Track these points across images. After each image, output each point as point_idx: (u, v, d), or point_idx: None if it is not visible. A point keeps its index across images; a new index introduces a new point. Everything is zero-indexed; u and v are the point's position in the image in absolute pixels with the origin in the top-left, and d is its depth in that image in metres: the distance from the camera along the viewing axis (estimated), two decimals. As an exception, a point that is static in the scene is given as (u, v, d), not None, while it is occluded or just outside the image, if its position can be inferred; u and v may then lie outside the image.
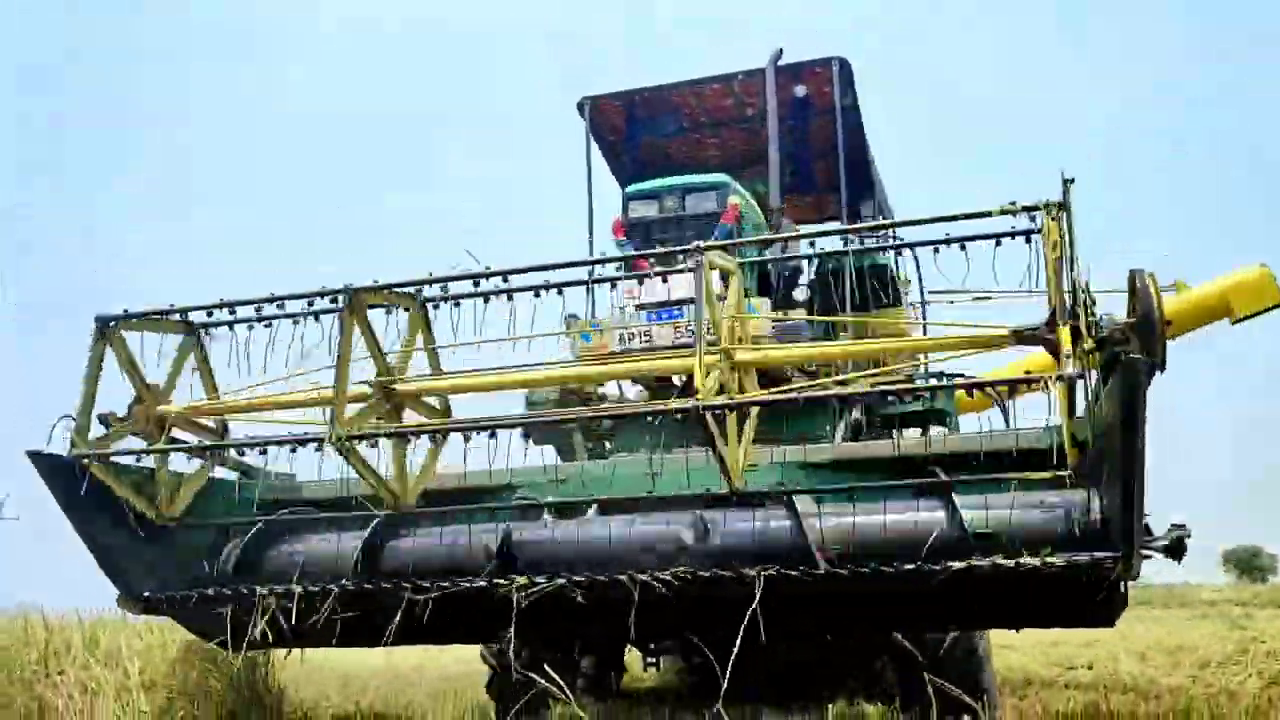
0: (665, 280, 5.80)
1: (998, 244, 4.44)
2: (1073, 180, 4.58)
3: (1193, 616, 17.58)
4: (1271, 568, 50.03)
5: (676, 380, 5.96)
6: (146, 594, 5.07)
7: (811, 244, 6.81)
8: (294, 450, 4.66)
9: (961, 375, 5.71)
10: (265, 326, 4.97)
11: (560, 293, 4.88)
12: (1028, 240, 4.36)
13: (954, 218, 4.58)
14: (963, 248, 4.72)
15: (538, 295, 4.81)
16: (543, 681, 5.21)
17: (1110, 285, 4.52)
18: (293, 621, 4.77)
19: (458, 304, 4.84)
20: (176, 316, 5.06)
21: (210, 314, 5.04)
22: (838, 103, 7.05)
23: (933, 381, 6.28)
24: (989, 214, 4.38)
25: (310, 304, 4.79)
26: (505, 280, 4.75)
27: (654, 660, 8.08)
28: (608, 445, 6.65)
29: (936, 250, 4.93)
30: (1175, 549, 4.37)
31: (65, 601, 6.90)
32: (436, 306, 4.95)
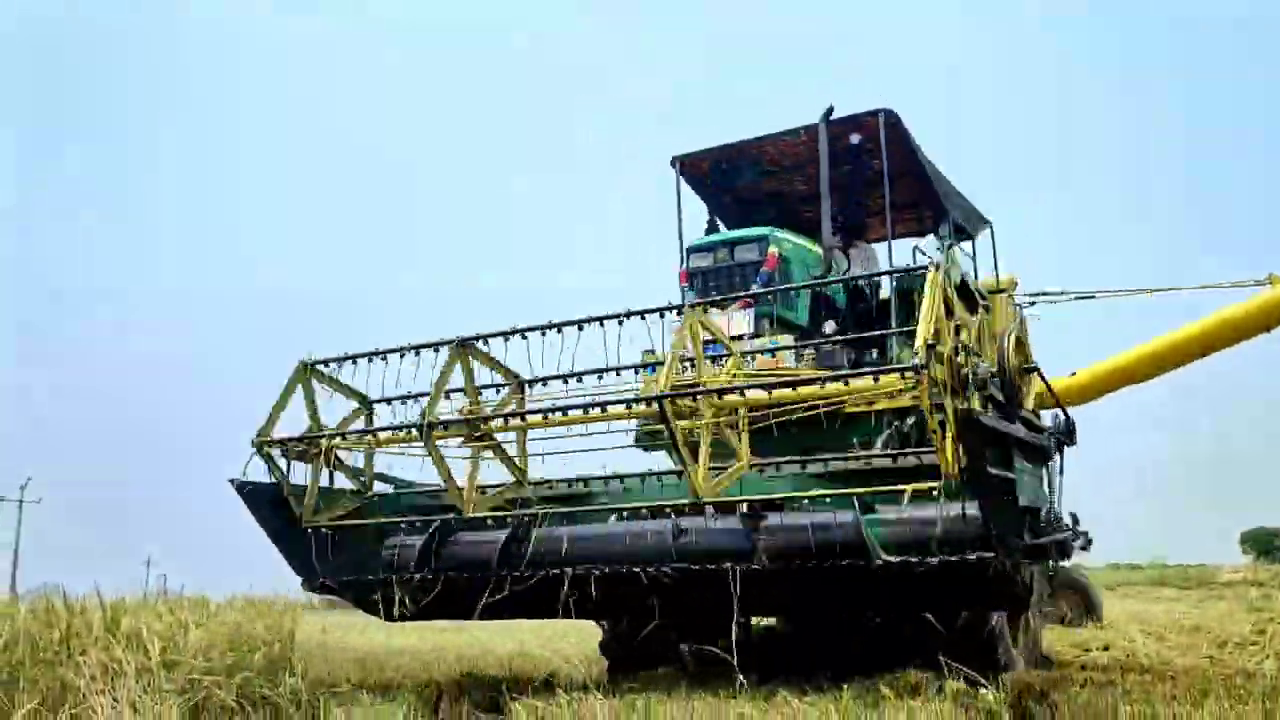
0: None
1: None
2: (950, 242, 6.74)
3: (1210, 597, 17.51)
4: (1293, 550, 49.74)
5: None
6: (321, 579, 6.89)
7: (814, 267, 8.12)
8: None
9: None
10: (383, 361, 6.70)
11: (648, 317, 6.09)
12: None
13: (861, 277, 7.29)
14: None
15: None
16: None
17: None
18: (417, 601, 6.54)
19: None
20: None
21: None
22: (884, 149, 7.92)
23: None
24: (889, 271, 6.27)
25: (418, 352, 6.54)
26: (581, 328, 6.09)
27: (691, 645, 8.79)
28: None
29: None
30: (1062, 549, 5.84)
31: (85, 583, 6.97)
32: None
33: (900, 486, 5.60)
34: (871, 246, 9.24)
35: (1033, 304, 10.81)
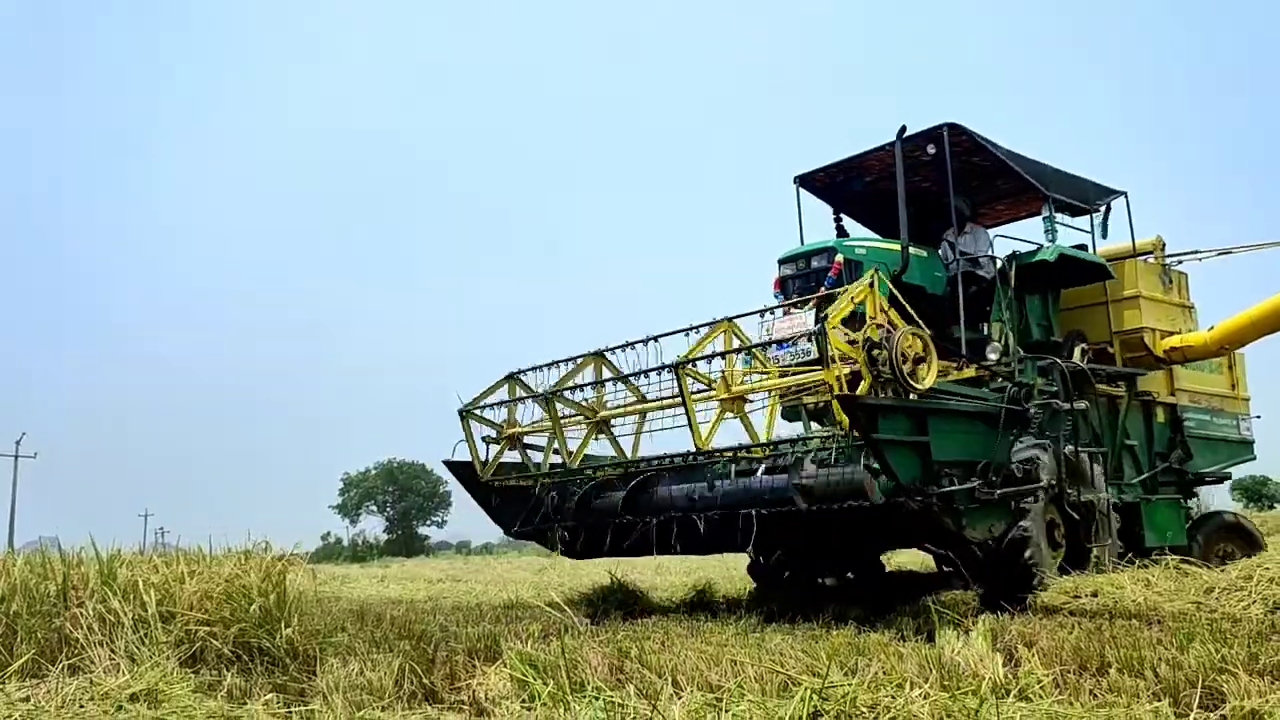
0: (788, 313, 8.87)
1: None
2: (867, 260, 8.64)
3: (1199, 544, 17.63)
4: (1279, 496, 50.21)
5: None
6: (515, 528, 10.12)
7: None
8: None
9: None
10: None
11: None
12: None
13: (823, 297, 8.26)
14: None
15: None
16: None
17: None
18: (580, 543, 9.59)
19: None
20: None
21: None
22: (948, 158, 9.38)
23: None
24: (850, 296, 7.38)
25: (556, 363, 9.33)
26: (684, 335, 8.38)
27: (833, 577, 11.18)
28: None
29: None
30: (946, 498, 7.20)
31: (81, 536, 7.00)
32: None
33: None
34: (982, 228, 10.64)
35: (1179, 262, 11.55)
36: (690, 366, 7.94)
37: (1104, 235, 10.86)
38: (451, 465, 9.98)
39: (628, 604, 9.45)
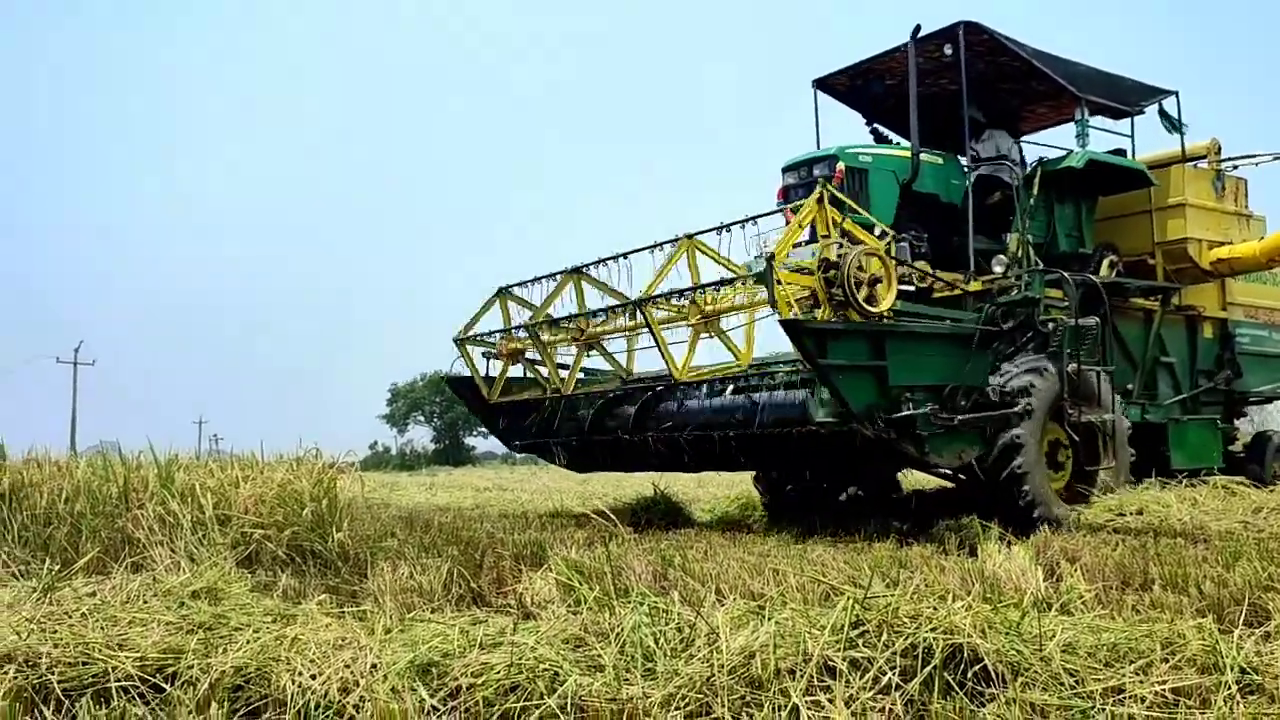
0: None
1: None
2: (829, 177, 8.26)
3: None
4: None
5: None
6: (516, 441, 10.46)
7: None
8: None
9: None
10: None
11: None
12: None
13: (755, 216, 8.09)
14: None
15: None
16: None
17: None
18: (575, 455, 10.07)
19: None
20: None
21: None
22: (963, 57, 8.86)
23: None
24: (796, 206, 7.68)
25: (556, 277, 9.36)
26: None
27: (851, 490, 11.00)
28: None
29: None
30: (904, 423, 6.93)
31: (139, 440, 7.20)
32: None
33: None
34: (1005, 133, 9.91)
35: (1235, 168, 10.80)
36: (651, 304, 7.92)
37: (1178, 131, 10.30)
38: (452, 382, 10.20)
39: (670, 515, 9.58)
